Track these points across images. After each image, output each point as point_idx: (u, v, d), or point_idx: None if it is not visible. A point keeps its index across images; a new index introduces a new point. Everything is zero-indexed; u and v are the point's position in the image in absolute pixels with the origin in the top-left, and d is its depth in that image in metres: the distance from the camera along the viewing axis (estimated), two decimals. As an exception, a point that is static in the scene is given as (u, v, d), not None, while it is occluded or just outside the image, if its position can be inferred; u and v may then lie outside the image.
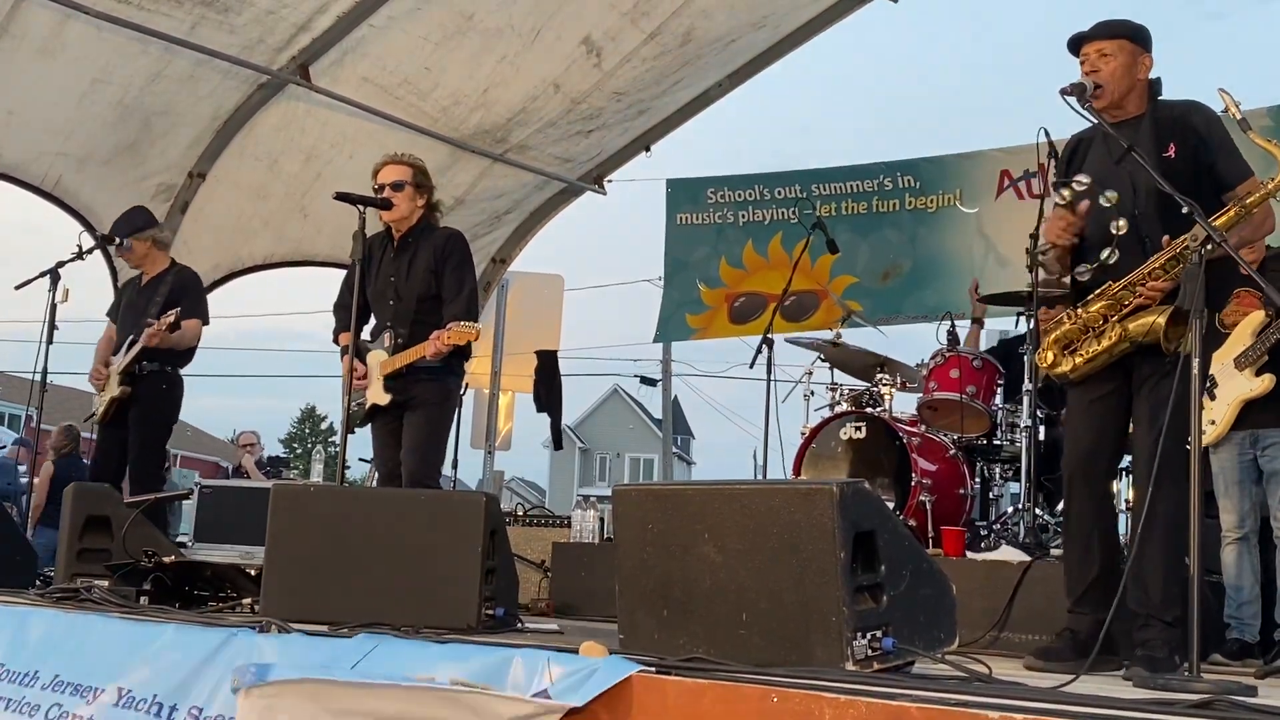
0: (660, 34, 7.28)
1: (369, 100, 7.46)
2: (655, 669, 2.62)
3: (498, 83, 7.54)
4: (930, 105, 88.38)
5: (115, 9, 6.45)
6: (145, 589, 4.39)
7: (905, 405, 6.25)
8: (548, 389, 8.61)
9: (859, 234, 8.29)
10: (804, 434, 6.12)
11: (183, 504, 8.88)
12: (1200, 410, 3.23)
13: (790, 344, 6.88)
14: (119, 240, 6.24)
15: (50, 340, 6.12)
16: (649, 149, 8.61)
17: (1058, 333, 3.83)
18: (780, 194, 8.60)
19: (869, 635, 2.70)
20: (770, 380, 6.57)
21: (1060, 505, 4.36)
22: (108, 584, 4.45)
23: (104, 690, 3.32)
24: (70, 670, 3.46)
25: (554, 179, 8.66)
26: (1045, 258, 3.84)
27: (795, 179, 8.67)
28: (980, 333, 6.79)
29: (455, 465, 8.31)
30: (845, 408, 6.24)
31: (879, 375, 6.29)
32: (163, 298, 6.13)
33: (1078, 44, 3.83)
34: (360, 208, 4.92)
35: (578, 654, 2.68)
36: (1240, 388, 4.50)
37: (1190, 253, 3.39)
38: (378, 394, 5.11)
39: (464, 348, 4.98)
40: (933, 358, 6.12)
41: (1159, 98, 3.82)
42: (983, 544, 5.35)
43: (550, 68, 7.47)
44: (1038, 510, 5.17)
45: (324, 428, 43.57)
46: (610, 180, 8.90)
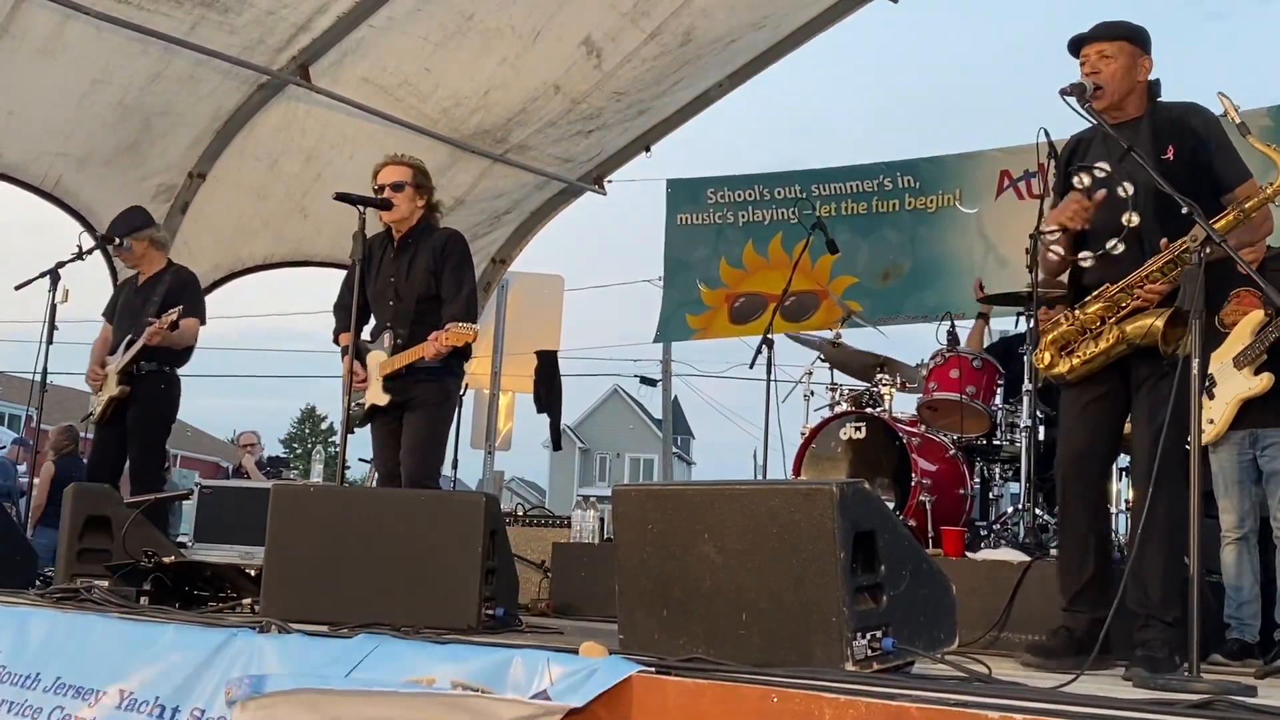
0: (660, 34, 7.28)
1: (369, 101, 7.46)
2: (655, 669, 2.62)
3: (498, 84, 7.54)
4: (930, 105, 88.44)
5: (115, 9, 6.45)
6: (145, 589, 4.40)
7: (905, 405, 6.26)
8: (548, 389, 8.62)
9: (859, 234, 8.29)
10: (804, 434, 6.12)
11: (183, 504, 8.88)
12: (1200, 410, 3.23)
13: (791, 341, 6.89)
14: (119, 240, 6.25)
15: (50, 340, 6.12)
16: (649, 149, 8.61)
17: (1055, 334, 3.83)
18: (780, 194, 8.60)
19: (869, 635, 2.70)
20: (770, 380, 6.57)
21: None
22: (108, 584, 4.45)
23: (105, 692, 3.32)
24: (72, 672, 3.46)
25: (554, 179, 8.66)
26: (1049, 239, 3.82)
27: (795, 179, 8.67)
28: (985, 328, 6.76)
29: (455, 465, 8.31)
30: (845, 408, 6.23)
31: (879, 375, 6.29)
32: (160, 297, 6.14)
33: (1078, 45, 3.83)
34: (360, 208, 4.93)
35: (578, 654, 2.69)
36: (1239, 386, 4.50)
37: (1190, 254, 3.40)
38: (377, 394, 5.11)
39: (463, 348, 4.98)
40: (932, 358, 6.12)
41: (1158, 99, 3.83)
42: (983, 544, 5.35)
43: (550, 69, 7.47)
44: (1037, 510, 5.17)
45: (324, 428, 43.58)
46: (610, 180, 8.90)
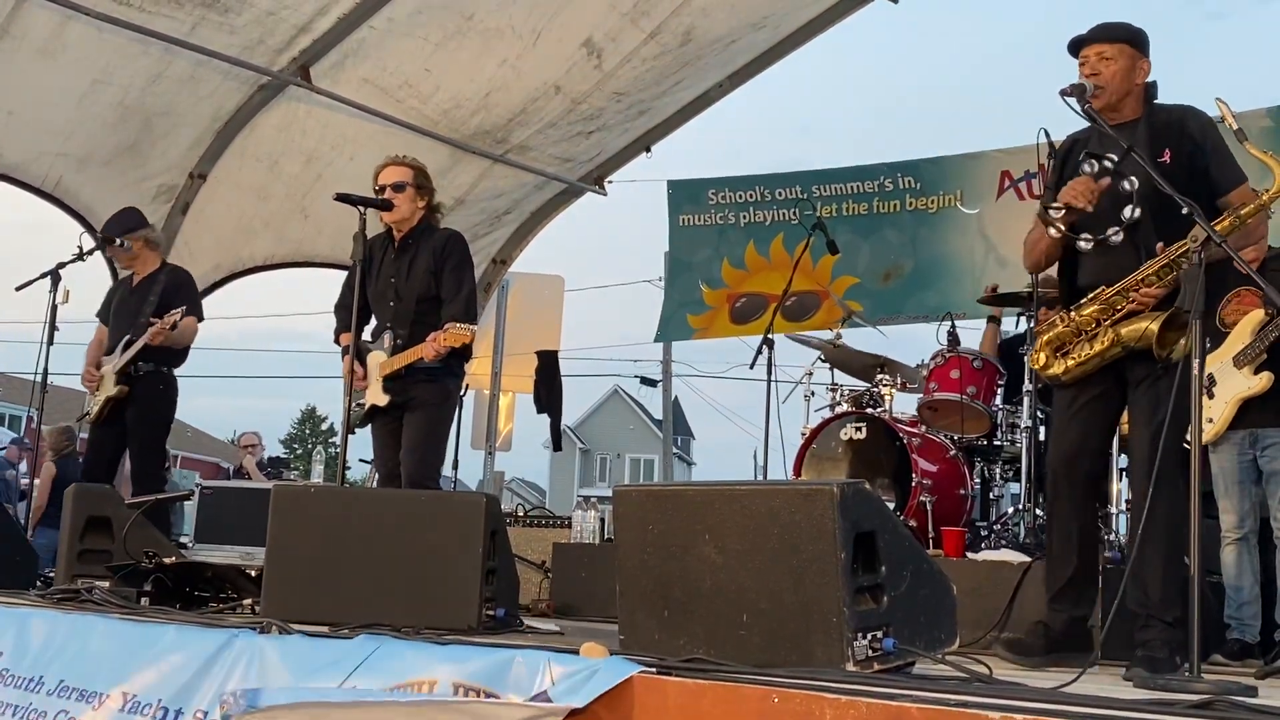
0: (660, 33, 7.28)
1: (369, 102, 7.46)
2: (656, 669, 2.62)
3: (499, 85, 7.54)
4: (931, 106, 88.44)
5: (116, 10, 6.45)
6: (146, 590, 4.40)
7: (905, 406, 6.26)
8: (548, 390, 8.61)
9: (860, 235, 8.29)
10: (804, 434, 6.12)
11: (184, 504, 8.88)
12: (1200, 410, 3.23)
13: (792, 341, 6.89)
14: (120, 241, 6.25)
15: (51, 341, 6.13)
16: (649, 150, 8.61)
17: (1050, 335, 3.85)
18: (781, 195, 8.60)
19: (869, 636, 2.70)
20: (771, 381, 6.57)
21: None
22: (108, 585, 4.45)
23: (109, 695, 3.31)
24: (74, 674, 3.46)
25: (554, 179, 8.66)
26: (1054, 214, 3.82)
27: (796, 180, 8.67)
28: (997, 331, 6.70)
29: (456, 466, 8.31)
30: (846, 408, 6.24)
31: (879, 376, 6.30)
32: (156, 297, 6.15)
33: (1077, 46, 3.84)
34: (361, 209, 4.93)
35: (578, 655, 2.69)
36: (1239, 386, 4.50)
37: (1190, 254, 3.40)
38: (377, 395, 5.11)
39: (463, 349, 4.98)
40: (933, 358, 6.12)
41: (1154, 101, 3.83)
42: (983, 544, 5.35)
43: (551, 69, 7.47)
44: (1038, 511, 5.17)
45: (324, 428, 43.59)
46: (611, 181, 8.90)
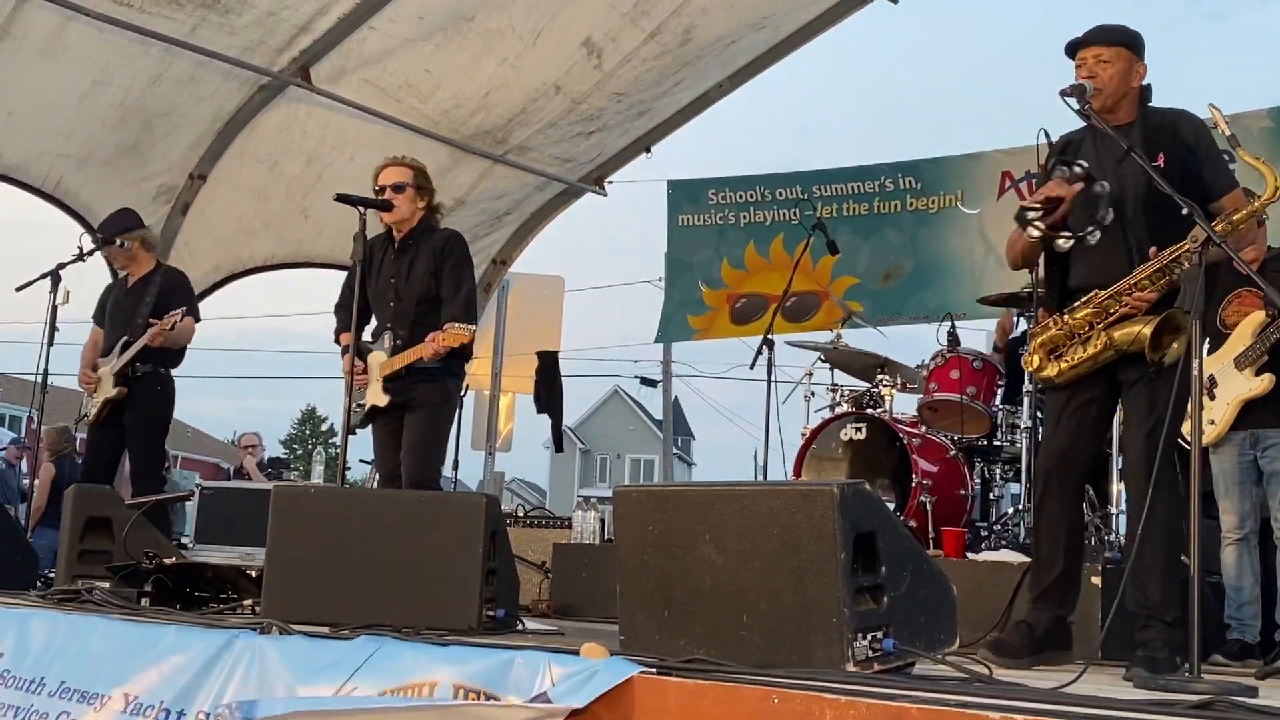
0: (660, 33, 7.28)
1: (370, 102, 7.46)
2: (656, 670, 2.62)
3: (499, 85, 7.55)
4: (931, 106, 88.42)
5: (116, 11, 6.45)
6: (146, 590, 4.40)
7: (905, 406, 6.26)
8: (548, 390, 8.61)
9: (860, 235, 8.29)
10: (804, 435, 6.12)
11: (185, 504, 8.89)
12: (1200, 411, 3.24)
13: (791, 346, 6.90)
14: (119, 241, 6.25)
15: (51, 342, 6.13)
16: (649, 150, 8.61)
17: (1044, 337, 3.87)
18: (781, 195, 8.60)
19: (869, 636, 2.70)
20: (771, 381, 6.57)
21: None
22: (108, 585, 4.45)
23: (110, 696, 3.31)
24: (75, 676, 3.46)
25: (555, 180, 8.66)
26: (1031, 215, 3.85)
27: (796, 180, 8.67)
28: (1015, 316, 6.60)
29: (456, 466, 8.30)
30: (846, 409, 6.24)
31: (879, 376, 6.30)
32: (153, 298, 6.15)
33: (1074, 48, 3.85)
34: (361, 209, 4.93)
35: (579, 655, 2.69)
36: (1240, 387, 4.51)
37: (1190, 255, 3.42)
38: (377, 395, 5.12)
39: (463, 349, 4.98)
40: (933, 359, 6.12)
41: (1149, 105, 3.84)
42: (983, 545, 5.36)
43: (551, 69, 7.47)
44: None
45: (324, 429, 43.58)
46: (611, 181, 8.90)
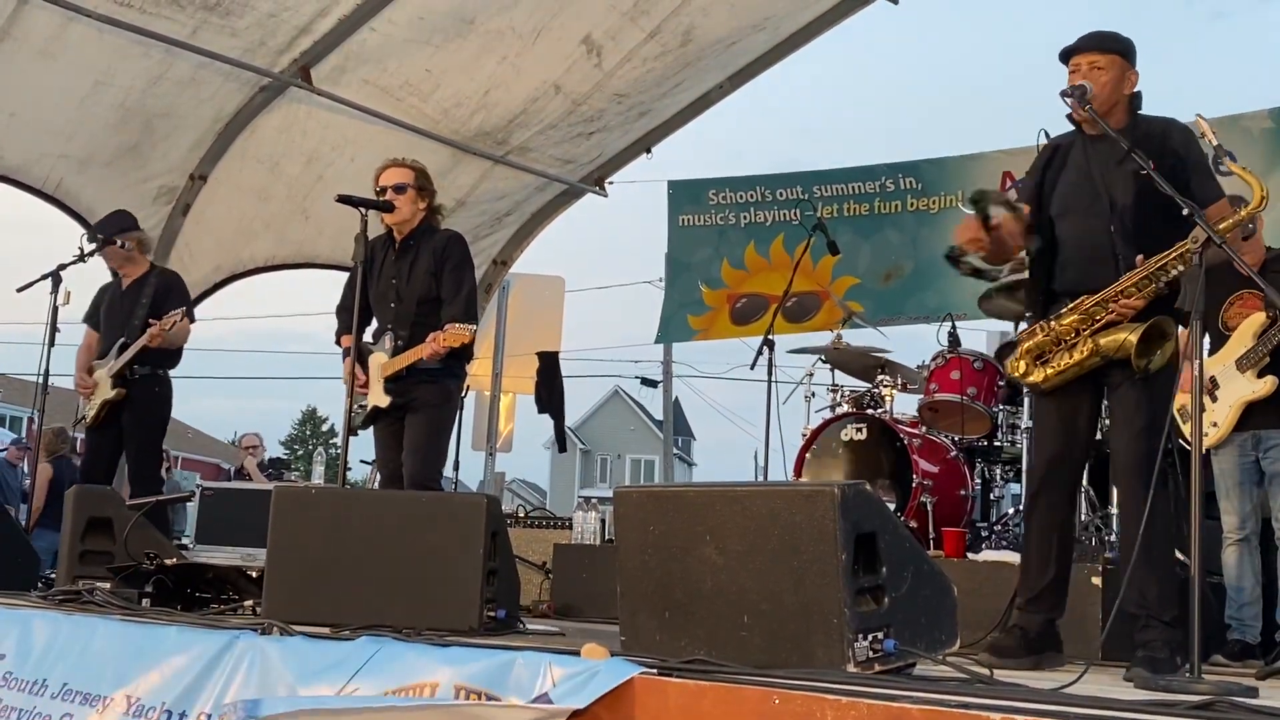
0: (660, 32, 7.28)
1: (370, 102, 7.46)
2: (657, 671, 2.62)
3: (499, 83, 7.55)
4: (932, 106, 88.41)
5: (117, 12, 6.46)
6: (147, 591, 4.40)
7: (906, 406, 6.26)
8: (549, 390, 8.62)
9: (861, 235, 8.29)
10: (805, 435, 6.13)
11: (185, 505, 8.89)
12: (1201, 412, 3.24)
13: (791, 354, 6.91)
14: (120, 242, 6.26)
15: (52, 343, 6.12)
16: (650, 151, 8.61)
17: (1030, 343, 3.89)
18: (782, 195, 8.59)
19: (870, 637, 2.70)
20: (771, 382, 6.57)
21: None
22: (109, 586, 4.45)
23: (113, 698, 3.32)
24: (77, 678, 3.46)
25: (555, 181, 8.66)
26: (967, 259, 3.94)
27: (797, 180, 8.66)
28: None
29: (456, 467, 8.31)
30: (846, 409, 6.24)
31: (880, 376, 6.30)
32: (149, 299, 6.15)
33: (1069, 55, 3.86)
34: (362, 210, 4.93)
35: (579, 656, 2.69)
36: (1242, 390, 4.51)
37: (1190, 254, 3.44)
38: (378, 396, 5.12)
39: (465, 349, 4.99)
40: (933, 359, 6.12)
41: (1138, 113, 3.85)
42: (984, 545, 5.36)
43: (551, 68, 7.48)
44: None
45: (325, 429, 43.59)
46: (611, 182, 8.90)
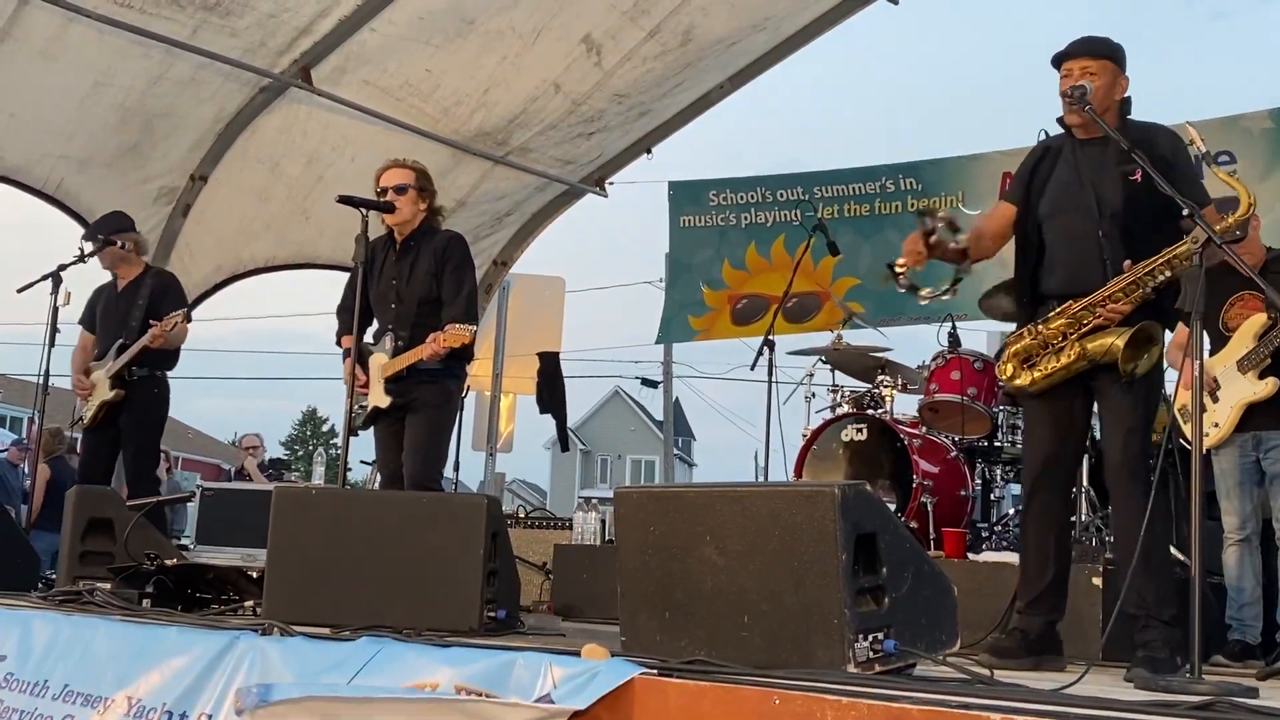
0: (660, 32, 7.28)
1: (370, 103, 7.46)
2: (657, 671, 2.62)
3: (498, 82, 7.55)
4: (932, 107, 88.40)
5: (117, 13, 6.46)
6: (148, 592, 4.40)
7: (906, 407, 6.26)
8: (551, 391, 8.62)
9: (861, 236, 8.29)
10: (805, 436, 6.13)
11: (186, 505, 8.89)
12: (1201, 413, 3.24)
13: (793, 342, 6.91)
14: (120, 243, 6.26)
15: (53, 343, 6.12)
16: (650, 151, 8.60)
17: (1017, 346, 3.91)
18: (783, 196, 8.60)
19: (870, 637, 2.70)
20: (771, 382, 6.58)
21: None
22: (110, 587, 4.45)
23: (113, 699, 3.32)
24: (79, 678, 3.46)
25: (555, 181, 8.66)
26: (896, 272, 4.02)
27: (798, 181, 8.67)
28: None
29: (457, 467, 8.31)
30: (846, 409, 6.24)
31: (880, 377, 6.30)
32: (146, 300, 6.15)
33: (1060, 60, 3.87)
34: (363, 211, 4.93)
35: (580, 656, 2.69)
36: (1243, 391, 4.51)
37: (1190, 255, 3.47)
38: (379, 397, 5.12)
39: (465, 350, 4.99)
40: (934, 359, 6.12)
41: (1127, 118, 3.86)
42: (984, 546, 5.36)
43: (550, 67, 7.48)
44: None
45: (325, 430, 43.61)
46: (611, 182, 8.89)
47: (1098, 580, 4.34)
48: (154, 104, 7.19)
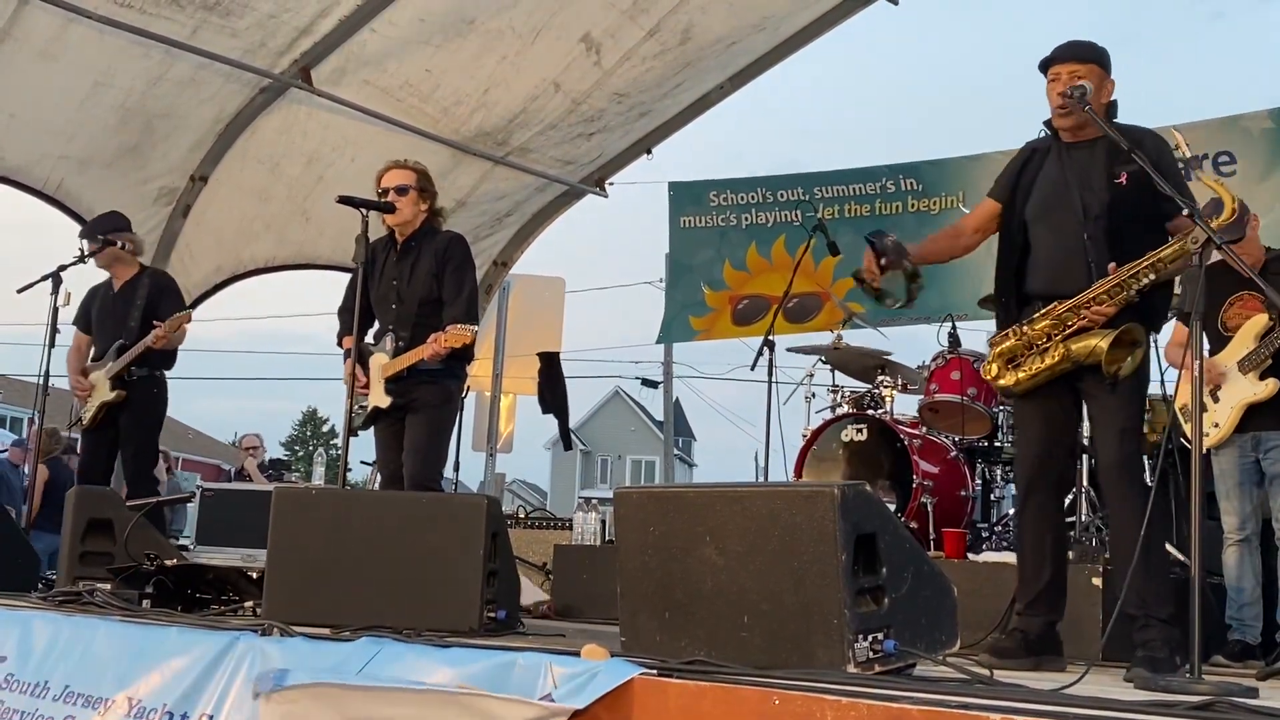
0: (659, 31, 7.28)
1: (370, 103, 7.46)
2: (657, 671, 2.62)
3: (498, 81, 7.54)
4: (933, 107, 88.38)
5: (117, 13, 6.45)
6: (147, 592, 4.40)
7: (906, 407, 6.27)
8: (552, 391, 8.61)
9: (862, 236, 8.27)
10: (805, 436, 6.13)
11: (186, 506, 8.88)
12: (1202, 414, 3.24)
13: (792, 352, 6.90)
14: (120, 243, 6.26)
15: (53, 344, 6.12)
16: (650, 151, 8.60)
17: (1002, 347, 3.92)
18: (783, 196, 8.60)
19: (870, 637, 2.70)
20: (772, 382, 6.57)
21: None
22: (110, 587, 4.45)
23: (114, 700, 3.32)
24: (79, 679, 3.46)
25: (556, 181, 8.66)
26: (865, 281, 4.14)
27: (798, 181, 8.67)
28: None
29: (457, 468, 8.30)
30: (846, 410, 6.24)
31: (880, 377, 6.30)
32: (143, 300, 6.15)
33: (1047, 65, 3.87)
34: (363, 211, 4.93)
35: (580, 657, 2.69)
36: (1244, 391, 4.52)
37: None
38: (379, 397, 5.12)
39: (465, 350, 4.99)
40: (934, 359, 6.13)
41: (1114, 121, 3.86)
42: (984, 546, 5.36)
43: (550, 66, 7.48)
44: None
45: (325, 430, 43.61)
46: (612, 183, 8.89)
47: (1097, 580, 4.34)
48: (154, 104, 7.19)
